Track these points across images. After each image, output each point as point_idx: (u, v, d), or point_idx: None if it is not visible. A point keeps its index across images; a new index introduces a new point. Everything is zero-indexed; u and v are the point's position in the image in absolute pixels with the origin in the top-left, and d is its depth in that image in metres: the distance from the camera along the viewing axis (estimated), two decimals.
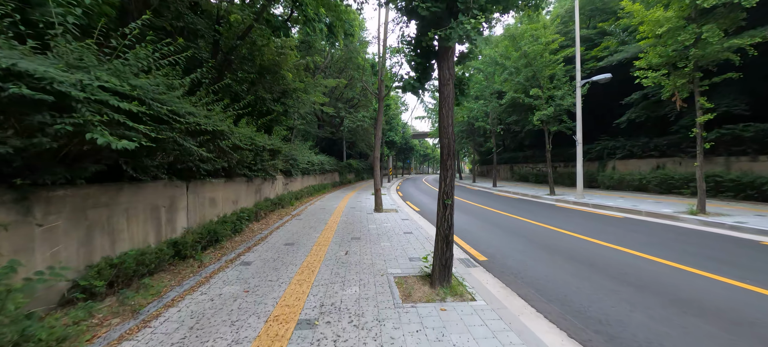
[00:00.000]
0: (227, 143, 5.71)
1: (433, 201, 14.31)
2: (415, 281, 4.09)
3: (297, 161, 12.37)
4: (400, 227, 7.61)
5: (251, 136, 7.26)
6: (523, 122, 18.45)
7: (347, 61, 21.83)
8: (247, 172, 7.51)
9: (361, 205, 11.90)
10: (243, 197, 7.75)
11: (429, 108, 36.58)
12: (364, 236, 6.71)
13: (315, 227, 7.60)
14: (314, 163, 15.66)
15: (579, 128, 12.89)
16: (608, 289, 3.99)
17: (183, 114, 4.00)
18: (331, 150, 28.29)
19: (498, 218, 9.41)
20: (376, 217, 9.15)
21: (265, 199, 9.27)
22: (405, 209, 11.01)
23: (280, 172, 11.80)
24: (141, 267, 3.73)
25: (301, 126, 19.24)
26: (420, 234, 6.91)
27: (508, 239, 6.90)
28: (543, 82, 14.65)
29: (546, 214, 10.03)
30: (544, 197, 14.29)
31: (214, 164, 5.80)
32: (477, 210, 11.06)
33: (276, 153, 9.34)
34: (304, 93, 12.76)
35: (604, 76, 12.68)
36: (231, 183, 7.02)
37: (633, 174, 14.32)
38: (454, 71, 3.87)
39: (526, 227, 7.99)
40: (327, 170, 19.29)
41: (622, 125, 14.61)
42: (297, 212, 10.15)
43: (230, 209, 6.96)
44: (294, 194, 12.17)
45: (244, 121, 7.66)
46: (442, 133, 3.84)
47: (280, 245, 5.96)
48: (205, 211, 5.90)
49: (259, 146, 7.73)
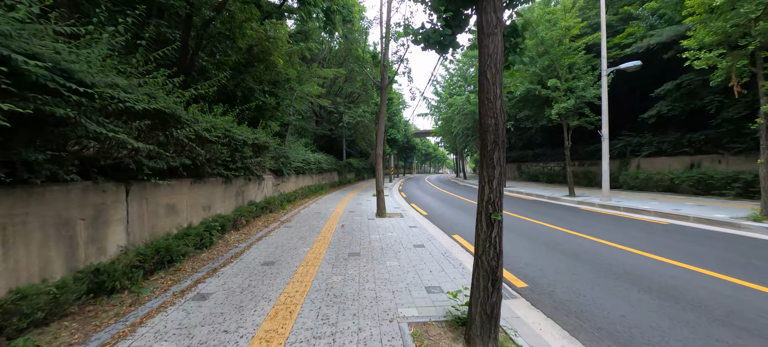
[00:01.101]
0: (187, 134, 4.37)
1: (441, 203, 12.97)
2: (441, 332, 2.75)
3: (289, 160, 11.03)
4: (408, 238, 6.27)
5: (227, 127, 5.92)
6: (536, 117, 17.08)
7: (347, 54, 20.48)
8: (222, 171, 6.17)
9: (361, 208, 10.56)
10: (218, 201, 6.41)
11: (432, 105, 35.28)
12: (364, 250, 5.37)
13: (305, 238, 6.27)
14: (310, 161, 14.32)
15: (605, 121, 11.52)
16: None
17: (92, 82, 2.66)
18: (330, 149, 26.96)
19: (521, 225, 8.06)
20: (379, 223, 7.81)
21: (249, 203, 7.93)
22: (411, 214, 9.67)
23: (270, 172, 10.47)
24: (12, 316, 2.39)
25: (297, 122, 17.90)
26: (434, 248, 5.57)
27: (544, 253, 5.55)
28: (562, 72, 13.28)
29: (573, 219, 8.69)
30: (563, 199, 12.93)
31: (169, 161, 4.47)
32: None
33: (262, 149, 8.00)
34: (297, 83, 11.41)
35: (634, 63, 11.31)
36: (200, 185, 5.69)
37: (662, 173, 12.95)
38: (502, 14, 2.52)
39: (559, 237, 6.64)
40: (325, 169, 17.95)
41: (650, 120, 13.25)
42: (287, 217, 8.81)
43: (199, 217, 5.62)
44: (286, 197, 10.84)
45: (220, 109, 6.33)
46: (484, 111, 2.50)
47: (256, 265, 4.63)
48: (160, 222, 4.56)
49: (238, 140, 6.39)
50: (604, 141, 11.56)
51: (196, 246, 4.92)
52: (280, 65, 10.36)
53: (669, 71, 13.22)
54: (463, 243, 6.21)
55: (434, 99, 34.38)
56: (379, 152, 9.17)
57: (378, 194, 9.15)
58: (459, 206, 12.16)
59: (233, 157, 6.58)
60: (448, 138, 39.82)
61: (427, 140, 77.33)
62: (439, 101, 34.21)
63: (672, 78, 12.89)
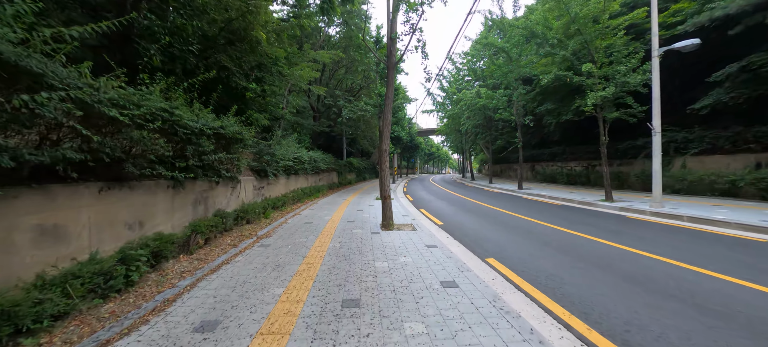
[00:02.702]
0: (69, 108, 2.49)
1: (455, 209, 11.04)
2: None
3: (275, 158, 9.13)
4: (428, 267, 4.37)
5: (166, 106, 4.04)
6: (560, 111, 15.13)
7: (347, 43, 18.58)
8: (162, 171, 4.27)
9: (362, 217, 8.66)
10: (160, 214, 4.52)
11: (438, 102, 33.27)
12: (367, 294, 3.47)
13: (282, 268, 4.37)
14: (303, 160, 12.42)
15: (656, 111, 9.56)
16: None
17: None
18: (329, 147, 25.11)
19: (565, 240, 6.12)
20: (386, 241, 5.91)
21: (215, 213, 6.04)
22: (423, 224, 7.76)
23: (252, 172, 8.59)
24: None
25: (291, 116, 16.03)
26: (472, 288, 3.66)
27: (632, 293, 3.61)
28: (597, 56, 11.33)
29: (626, 231, 6.76)
30: (599, 204, 10.98)
31: (38, 157, 2.59)
32: (517, 223, 7.81)
33: (232, 143, 6.11)
34: (287, 65, 9.52)
35: (691, 42, 9.35)
36: (120, 193, 3.79)
37: (718, 174, 10.95)
38: None
39: (628, 261, 4.69)
40: (322, 169, 16.06)
41: (703, 111, 11.26)
42: (268, 230, 6.91)
43: (120, 239, 3.73)
44: (272, 202, 8.95)
45: (162, 83, 4.44)
46: None
47: (183, 331, 2.73)
48: (18, 256, 2.68)
49: (188, 128, 4.51)
50: (655, 136, 9.60)
51: (98, 292, 3.03)
52: (264, 42, 8.48)
53: (722, 54, 11.26)
54: (509, 275, 4.30)
55: (440, 95, 32.42)
56: (385, 147, 7.27)
57: (384, 200, 7.24)
58: (477, 212, 10.24)
59: (182, 152, 4.69)
60: (452, 137, 37.86)
61: (430, 139, 75.49)
62: (444, 97, 32.23)
63: (725, 61, 10.92)
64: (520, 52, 17.46)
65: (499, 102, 19.05)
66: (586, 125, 17.23)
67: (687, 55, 10.58)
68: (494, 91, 19.96)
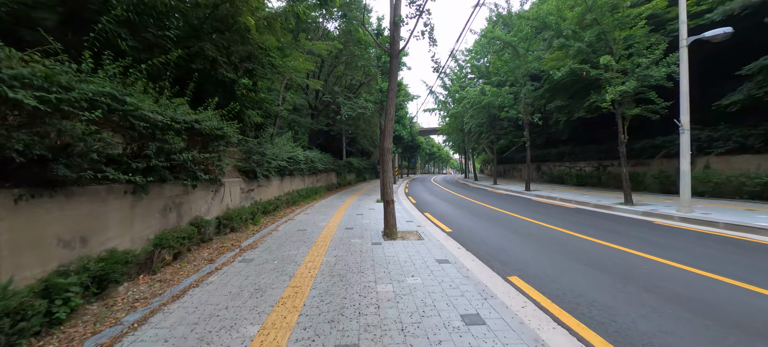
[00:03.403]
0: None
1: (462, 213, 10.19)
2: None
3: (266, 157, 8.28)
4: (442, 291, 3.52)
5: (112, 91, 3.21)
6: (571, 108, 14.28)
7: (346, 37, 17.75)
8: (113, 173, 3.43)
9: (362, 223, 7.83)
10: (113, 226, 3.68)
11: (440, 100, 32.41)
12: (367, 339, 2.61)
13: (262, 293, 3.53)
14: (299, 160, 11.58)
15: (685, 107, 8.73)
16: None
17: None
18: (328, 147, 24.30)
19: (588, 250, 5.26)
20: (390, 255, 5.07)
21: (191, 222, 5.21)
22: (430, 231, 6.93)
23: (240, 173, 7.77)
24: None
25: (287, 113, 15.20)
26: (502, 325, 2.81)
27: (685, 320, 2.77)
28: (615, 47, 10.49)
29: (657, 241, 5.93)
30: (618, 207, 10.14)
31: None
32: (533, 230, 6.95)
33: (212, 140, 5.28)
34: (279, 56, 8.68)
35: (723, 30, 8.52)
36: (53, 201, 2.96)
37: (748, 176, 10.11)
38: None
39: (684, 282, 3.85)
40: (319, 169, 15.22)
41: (733, 108, 10.39)
42: (254, 240, 6.07)
43: (45, 264, 2.90)
44: (262, 207, 8.11)
45: (112, 66, 3.61)
46: None
47: None
48: None
49: (151, 122, 3.68)
50: (683, 134, 8.76)
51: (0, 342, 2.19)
52: (253, 31, 7.64)
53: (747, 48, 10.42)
54: (542, 301, 3.46)
55: (442, 93, 31.59)
56: (387, 146, 6.43)
57: (386, 204, 6.40)
58: (486, 216, 9.39)
59: (141, 149, 3.85)
60: (454, 136, 36.99)
61: (431, 138, 74.71)
62: (446, 95, 31.39)
63: (750, 54, 10.06)
64: (527, 46, 16.63)
65: (505, 99, 18.22)
66: (598, 122, 16.39)
67: (710, 48, 9.76)
68: (499, 88, 19.15)
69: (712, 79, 11.64)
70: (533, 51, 17.31)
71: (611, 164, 16.38)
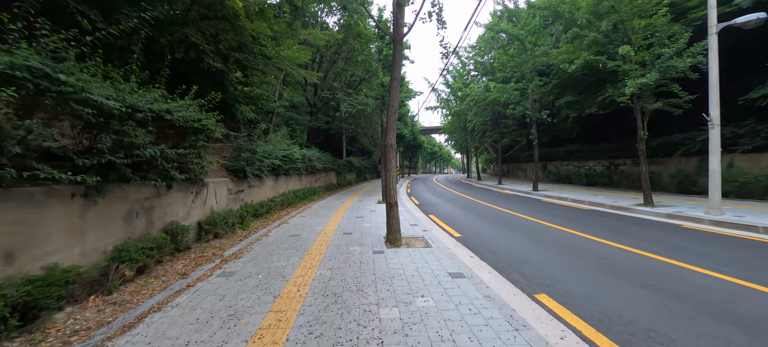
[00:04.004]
0: None
1: (470, 215, 9.48)
2: None
3: (257, 155, 7.58)
4: (463, 318, 2.80)
5: (39, 65, 2.51)
6: (583, 104, 13.54)
7: (346, 31, 17.03)
8: (49, 171, 2.73)
9: (362, 227, 7.14)
10: (55, 237, 2.98)
11: (442, 98, 31.69)
12: None
13: (236, 320, 2.82)
14: (295, 158, 10.88)
15: (714, 100, 8.01)
16: None
17: None
18: (328, 146, 23.62)
19: (619, 259, 4.54)
20: (393, 265, 4.36)
21: (165, 229, 4.52)
22: (438, 236, 6.22)
23: (228, 172, 7.08)
24: None
25: (284, 110, 14.50)
26: None
27: None
28: (634, 37, 9.76)
29: (693, 247, 5.18)
30: (637, 209, 9.42)
31: None
32: (550, 235, 6.23)
33: (189, 135, 4.58)
34: (272, 45, 7.97)
35: (756, 16, 7.80)
36: None
37: None
38: None
39: (751, 301, 3.14)
40: (318, 169, 14.52)
41: (762, 102, 9.59)
42: (239, 248, 5.38)
43: None
44: (252, 209, 7.41)
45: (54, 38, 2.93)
46: None
47: None
48: None
49: (104, 109, 2.99)
50: (712, 129, 8.04)
51: None
52: (242, 15, 6.95)
53: None
54: (585, 330, 2.75)
55: (445, 91, 30.87)
56: (390, 142, 5.72)
57: (389, 207, 5.70)
58: (496, 218, 8.66)
59: (91, 143, 3.15)
60: (457, 135, 36.21)
61: (432, 137, 73.99)
62: (449, 93, 30.67)
63: None
64: (535, 40, 15.91)
65: (511, 96, 17.49)
66: (610, 119, 15.66)
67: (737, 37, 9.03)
68: (504, 84, 18.44)
69: (738, 70, 10.89)
70: (540, 45, 16.60)
71: (623, 163, 15.63)
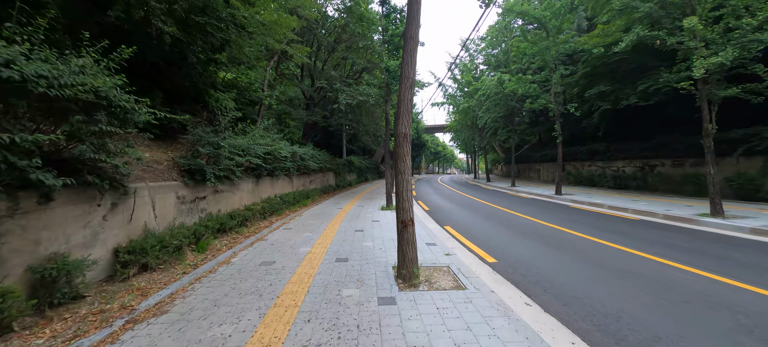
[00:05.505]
0: None
1: (495, 227, 7.58)
2: None
3: (221, 150, 5.72)
4: None
5: None
6: (618, 95, 11.64)
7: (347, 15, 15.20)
8: None
9: (362, 249, 5.28)
10: None
11: (449, 94, 29.78)
12: None
13: None
14: (283, 156, 9.03)
15: None
16: None
17: None
18: (328, 144, 21.84)
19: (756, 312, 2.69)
20: (412, 332, 2.50)
21: (34, 269, 2.70)
22: (466, 263, 4.36)
23: (181, 173, 5.24)
24: None
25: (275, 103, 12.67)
26: None
27: None
28: (700, 8, 7.87)
29: None
30: (705, 221, 7.53)
31: None
32: (621, 261, 4.35)
33: (71, 112, 2.75)
34: (245, 7, 6.14)
35: None
36: None
37: None
38: None
39: None
40: (312, 169, 12.66)
41: None
42: (172, 291, 3.53)
43: None
44: (217, 223, 5.56)
45: None
46: None
47: None
48: None
49: None
50: None
51: None
52: None
53: None
54: None
55: (452, 86, 29.00)
56: (404, 130, 3.90)
57: (402, 227, 3.85)
58: (530, 233, 6.75)
59: None
60: (464, 134, 34.24)
61: (435, 137, 72.10)
62: (455, 88, 28.77)
63: None
64: (560, 23, 14.01)
65: (529, 88, 15.60)
66: (645, 113, 13.74)
67: None
68: (523, 74, 16.57)
69: None
70: (564, 30, 14.72)
71: (661, 163, 13.68)
